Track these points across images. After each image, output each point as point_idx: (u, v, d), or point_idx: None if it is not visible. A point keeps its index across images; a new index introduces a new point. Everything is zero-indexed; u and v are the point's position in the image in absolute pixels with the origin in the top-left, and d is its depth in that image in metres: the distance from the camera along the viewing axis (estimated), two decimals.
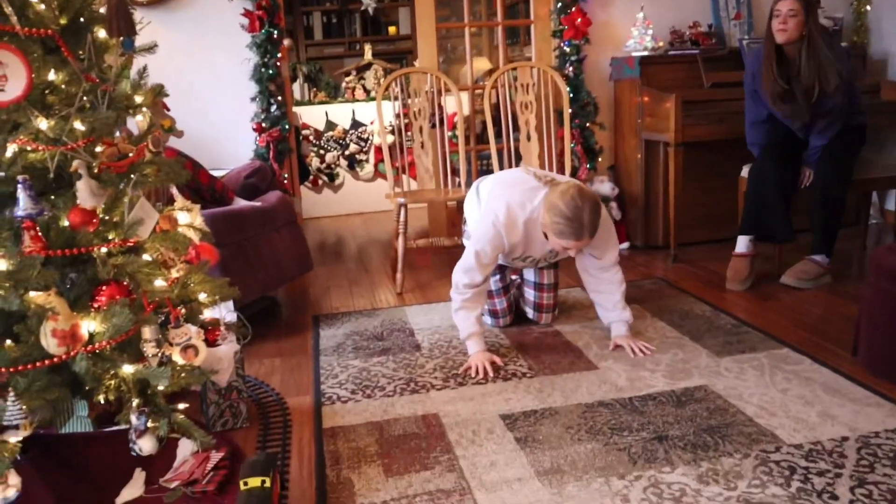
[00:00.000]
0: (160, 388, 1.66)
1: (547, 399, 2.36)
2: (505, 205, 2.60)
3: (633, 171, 4.26)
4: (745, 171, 3.70)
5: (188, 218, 1.98)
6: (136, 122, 1.86)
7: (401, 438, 2.16)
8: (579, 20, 4.20)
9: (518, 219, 2.60)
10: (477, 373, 2.58)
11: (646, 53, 4.15)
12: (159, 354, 1.69)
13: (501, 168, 3.94)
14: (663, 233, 4.18)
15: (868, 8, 4.70)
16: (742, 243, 3.47)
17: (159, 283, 1.75)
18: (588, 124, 4.28)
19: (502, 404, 2.34)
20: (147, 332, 1.68)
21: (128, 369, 1.62)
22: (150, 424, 1.67)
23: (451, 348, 2.86)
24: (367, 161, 6.09)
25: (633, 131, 4.18)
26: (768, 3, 4.70)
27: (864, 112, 3.47)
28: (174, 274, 1.84)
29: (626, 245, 4.27)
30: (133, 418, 1.64)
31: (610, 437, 2.10)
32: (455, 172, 4.46)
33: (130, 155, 1.70)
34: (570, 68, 4.25)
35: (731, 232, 3.99)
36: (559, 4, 4.24)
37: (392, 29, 8.25)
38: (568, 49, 4.24)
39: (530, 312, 3.07)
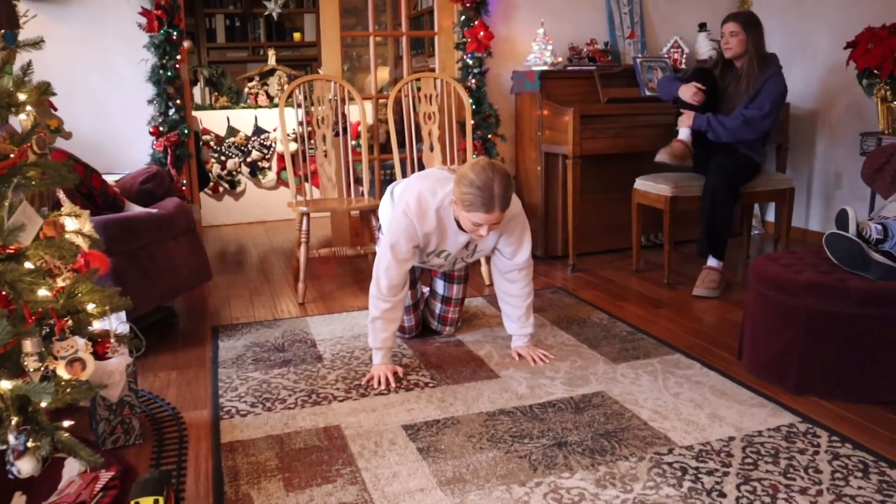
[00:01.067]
0: (43, 404, 1.57)
1: (449, 409, 2.38)
2: (416, 194, 2.58)
3: (533, 183, 4.36)
4: (638, 184, 3.85)
5: (76, 224, 1.88)
6: (20, 122, 1.76)
7: (302, 452, 2.12)
8: (482, 33, 4.27)
9: (429, 206, 2.56)
10: (379, 383, 2.56)
11: (545, 68, 4.27)
12: (42, 369, 1.60)
13: (405, 178, 3.94)
14: (562, 243, 4.30)
15: None
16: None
17: (43, 292, 1.66)
18: (490, 136, 4.35)
19: (405, 415, 2.34)
20: (28, 345, 1.58)
21: (5, 385, 1.52)
22: (30, 444, 1.57)
23: (353, 359, 2.83)
24: (269, 168, 5.98)
25: (534, 143, 4.29)
26: (660, 24, 4.98)
27: (761, 152, 3.73)
28: (60, 283, 1.75)
29: None
30: (11, 437, 1.54)
31: (511, 444, 2.13)
32: (358, 181, 4.43)
33: (12, 156, 1.61)
34: (473, 80, 4.32)
35: (627, 242, 4.17)
36: (462, 17, 4.30)
37: (297, 35, 8.14)
38: (471, 61, 4.31)
39: (434, 323, 3.08)
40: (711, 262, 3.62)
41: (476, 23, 4.28)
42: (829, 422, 2.23)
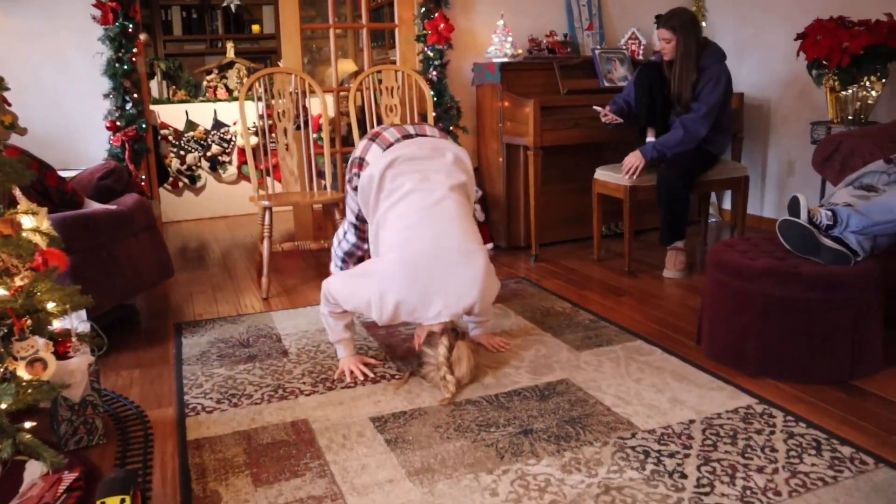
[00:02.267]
0: (3, 406, 1.55)
1: (416, 400, 2.40)
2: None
3: (495, 174, 4.39)
4: (598, 174, 3.91)
5: (33, 222, 1.85)
6: None
7: (269, 447, 2.12)
8: (442, 26, 4.28)
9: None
10: (353, 376, 2.57)
11: (506, 60, 4.30)
12: (1, 370, 1.58)
13: None
14: (525, 233, 4.34)
15: (703, 24, 5.10)
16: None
17: (1, 291, 1.63)
18: (451, 128, 4.37)
19: (372, 407, 2.35)
20: None
21: None
22: None
23: (318, 353, 2.83)
24: (229, 163, 5.92)
25: (495, 135, 4.31)
26: (618, 16, 5.04)
27: (719, 143, 3.80)
28: (18, 282, 1.72)
29: (490, 246, 4.39)
30: None
31: (478, 433, 2.16)
32: (321, 175, 4.42)
33: None
34: (434, 72, 4.33)
35: (589, 232, 4.22)
36: (423, 10, 4.30)
37: (255, 27, 8.04)
38: (431, 54, 4.31)
39: None
40: (677, 242, 3.72)
41: (436, 15, 4.29)
42: (785, 402, 2.31)
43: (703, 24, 5.07)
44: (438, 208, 2.44)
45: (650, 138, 3.78)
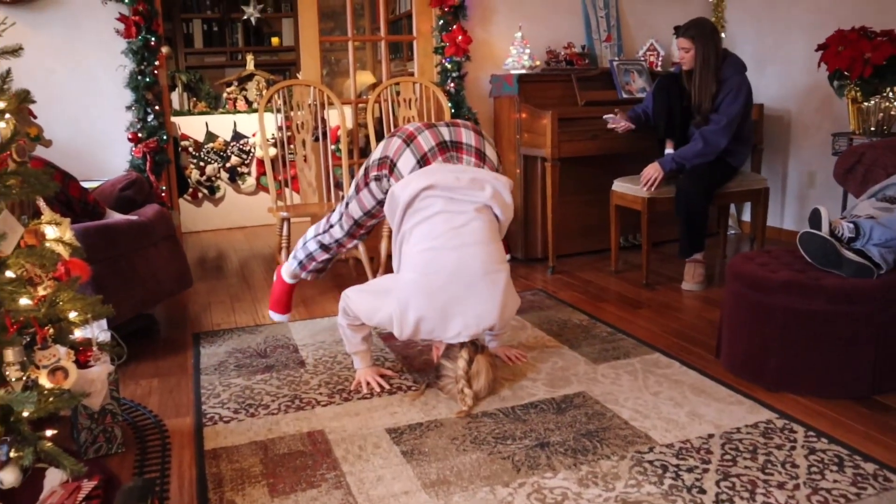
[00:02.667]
0: (25, 414, 1.56)
1: (432, 411, 2.39)
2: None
3: (512, 186, 4.38)
4: (616, 185, 3.90)
5: (57, 232, 1.87)
6: None
7: (286, 457, 2.12)
8: (460, 38, 4.30)
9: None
10: (369, 387, 2.57)
11: (523, 71, 4.30)
12: (24, 378, 1.59)
13: None
14: (542, 245, 4.33)
15: (723, 36, 5.08)
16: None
17: (24, 301, 1.65)
18: None
19: (388, 418, 2.35)
20: (10, 354, 1.58)
21: None
22: (12, 454, 1.56)
23: (335, 363, 2.84)
24: (248, 174, 5.96)
25: (513, 146, 4.32)
26: (636, 27, 5.03)
27: (739, 155, 3.77)
28: (41, 291, 1.74)
29: (507, 257, 4.37)
30: None
31: (494, 446, 2.15)
32: (338, 186, 4.44)
33: None
34: (452, 84, 4.34)
35: (606, 243, 4.21)
36: (441, 22, 4.33)
37: (275, 40, 8.12)
38: (449, 65, 4.33)
39: None
40: (695, 254, 3.70)
41: (454, 27, 4.31)
42: (806, 417, 2.28)
43: (723, 35, 5.07)
44: (465, 230, 2.39)
45: (669, 150, 3.77)
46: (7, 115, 1.73)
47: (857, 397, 2.41)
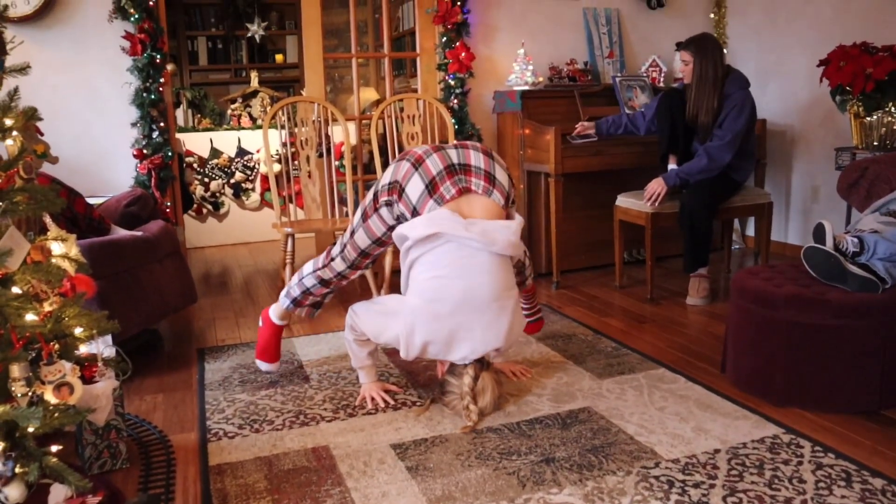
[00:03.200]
0: (30, 429, 1.56)
1: (437, 427, 2.39)
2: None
3: (516, 201, 4.39)
4: (620, 201, 3.91)
5: (63, 248, 1.88)
6: (6, 147, 1.77)
7: (291, 473, 2.11)
8: (463, 54, 4.33)
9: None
10: (374, 403, 2.57)
11: (526, 88, 4.32)
12: (30, 394, 1.60)
13: None
14: (546, 260, 4.33)
15: (724, 52, 5.11)
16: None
17: (30, 317, 1.65)
18: None
19: (393, 434, 2.34)
20: (16, 370, 1.58)
21: None
22: (18, 469, 1.57)
23: (340, 379, 2.83)
24: (253, 190, 5.98)
25: (516, 162, 4.33)
26: (638, 43, 5.06)
27: (743, 170, 3.79)
28: (47, 307, 1.75)
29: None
30: None
31: (499, 461, 2.14)
32: (342, 202, 4.45)
33: None
34: (455, 101, 4.37)
35: (610, 258, 4.21)
36: (444, 39, 4.36)
37: (279, 57, 8.17)
38: (452, 82, 4.36)
39: None
40: (700, 269, 3.70)
41: (457, 44, 4.34)
42: (813, 432, 2.27)
43: (725, 51, 5.08)
44: (473, 261, 2.34)
45: (672, 165, 3.78)
46: (14, 133, 1.74)
47: (864, 412, 2.39)
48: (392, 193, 2.44)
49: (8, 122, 1.72)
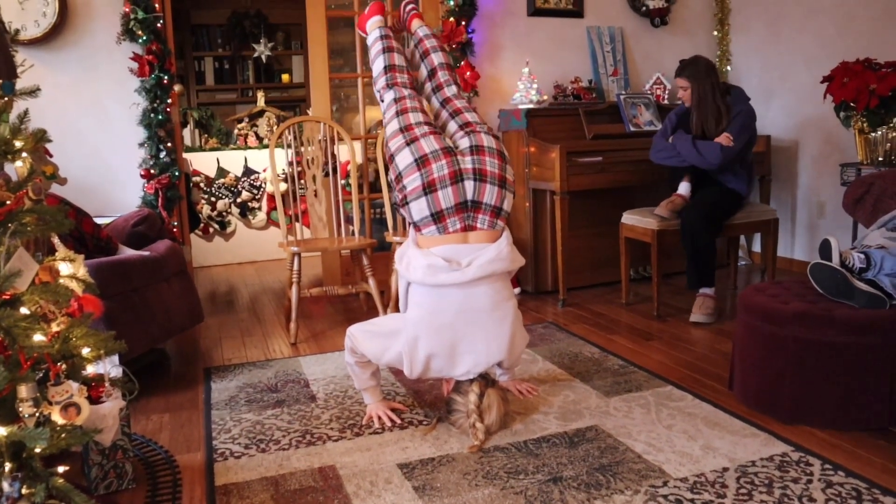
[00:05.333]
0: (37, 450, 1.57)
1: (444, 446, 2.38)
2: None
3: (522, 219, 4.41)
4: (626, 218, 3.91)
5: (71, 269, 1.89)
6: (16, 169, 1.78)
7: (297, 493, 2.11)
8: (468, 73, 4.35)
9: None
10: (380, 422, 2.56)
11: (531, 106, 4.35)
12: (37, 414, 1.60)
13: (394, 217, 3.98)
14: (552, 278, 4.33)
15: (728, 69, 5.13)
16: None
17: (38, 337, 1.66)
18: None
19: (400, 453, 2.33)
20: (23, 390, 1.58)
21: (0, 431, 1.52)
22: (24, 491, 1.56)
23: (346, 398, 2.83)
24: (259, 209, 6.01)
25: (522, 180, 4.34)
26: (642, 61, 5.08)
27: (745, 180, 3.78)
28: (55, 328, 1.75)
29: (517, 290, 4.38)
30: (5, 485, 1.53)
31: (507, 481, 2.13)
32: (349, 221, 4.46)
33: (8, 203, 1.63)
34: None
35: (616, 276, 4.20)
36: None
37: (285, 77, 8.23)
38: None
39: None
40: (705, 289, 3.68)
41: (462, 63, 4.37)
42: (822, 450, 2.25)
43: (729, 68, 5.11)
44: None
45: (685, 184, 3.78)
46: (24, 155, 1.76)
47: (873, 429, 2.38)
48: (396, 188, 2.48)
49: (18, 143, 1.74)
